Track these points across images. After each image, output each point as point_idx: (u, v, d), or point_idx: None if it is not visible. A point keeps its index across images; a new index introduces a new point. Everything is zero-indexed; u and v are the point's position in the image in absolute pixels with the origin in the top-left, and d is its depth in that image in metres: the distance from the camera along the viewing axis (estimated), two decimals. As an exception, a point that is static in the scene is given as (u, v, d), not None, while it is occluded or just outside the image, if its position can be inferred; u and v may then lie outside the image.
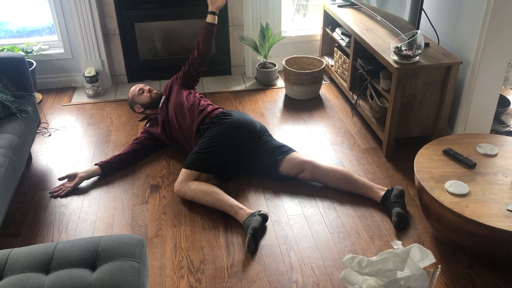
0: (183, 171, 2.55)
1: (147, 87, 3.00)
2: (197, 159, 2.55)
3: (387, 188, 2.48)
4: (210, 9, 2.93)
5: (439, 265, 1.92)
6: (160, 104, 2.93)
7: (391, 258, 1.79)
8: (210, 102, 2.89)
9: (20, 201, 2.56)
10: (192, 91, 2.97)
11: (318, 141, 3.07)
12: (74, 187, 2.62)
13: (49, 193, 2.60)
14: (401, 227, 2.32)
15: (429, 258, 1.80)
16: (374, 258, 1.81)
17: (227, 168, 2.63)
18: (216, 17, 2.94)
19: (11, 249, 1.63)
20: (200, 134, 2.70)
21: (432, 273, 1.83)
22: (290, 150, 2.65)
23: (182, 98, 2.85)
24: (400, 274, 1.79)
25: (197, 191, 2.44)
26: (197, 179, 2.52)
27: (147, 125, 2.98)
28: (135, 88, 3.00)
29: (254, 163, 2.68)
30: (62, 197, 2.57)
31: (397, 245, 1.85)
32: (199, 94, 2.96)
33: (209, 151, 2.56)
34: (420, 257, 1.81)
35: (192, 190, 2.46)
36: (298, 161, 2.59)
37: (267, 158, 2.63)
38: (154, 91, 3.00)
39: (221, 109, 2.82)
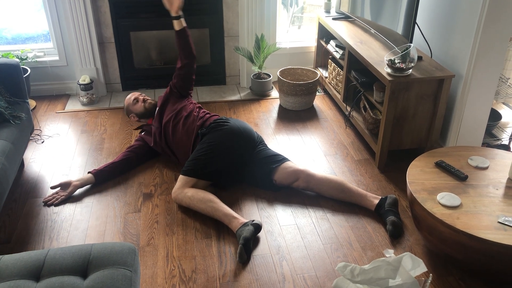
0: (181, 177, 2.55)
1: (141, 97, 2.98)
2: (195, 165, 2.55)
3: (380, 197, 2.50)
4: (172, 14, 2.75)
5: (430, 274, 1.93)
6: (154, 115, 2.92)
7: (383, 267, 1.81)
8: (208, 112, 2.87)
9: (11, 208, 2.54)
10: (189, 99, 2.94)
11: (311, 151, 3.08)
12: (68, 195, 2.60)
13: (43, 201, 2.58)
14: (396, 236, 2.33)
15: (421, 267, 1.82)
16: (366, 267, 1.83)
17: (223, 176, 2.63)
18: (182, 19, 2.77)
19: (1, 255, 1.61)
20: (199, 139, 2.69)
21: (423, 281, 1.84)
22: (284, 159, 2.66)
23: (178, 108, 2.83)
24: (392, 283, 1.81)
25: (193, 199, 2.44)
26: (194, 186, 2.52)
27: (142, 133, 2.98)
28: (130, 97, 2.99)
29: (249, 171, 2.68)
30: (55, 205, 2.56)
31: (389, 253, 1.86)
32: (196, 103, 2.94)
33: (207, 157, 2.56)
34: (412, 265, 1.82)
35: (188, 198, 2.46)
36: (292, 170, 2.60)
37: (262, 166, 2.64)
38: (149, 100, 2.97)
39: (218, 116, 2.82)
